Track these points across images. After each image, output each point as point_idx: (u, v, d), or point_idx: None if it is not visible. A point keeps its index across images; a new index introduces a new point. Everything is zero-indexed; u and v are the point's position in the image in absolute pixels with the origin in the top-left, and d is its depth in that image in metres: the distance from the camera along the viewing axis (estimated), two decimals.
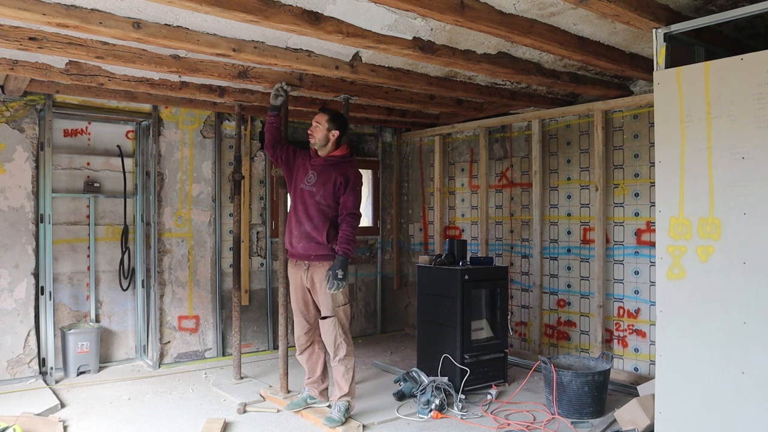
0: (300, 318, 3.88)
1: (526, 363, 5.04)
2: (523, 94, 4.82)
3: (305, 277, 3.78)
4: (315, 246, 3.71)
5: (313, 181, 3.76)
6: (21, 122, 4.57)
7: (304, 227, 3.72)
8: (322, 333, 3.79)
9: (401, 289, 6.71)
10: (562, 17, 3.07)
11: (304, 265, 3.77)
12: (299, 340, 3.92)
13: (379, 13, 2.92)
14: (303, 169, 3.84)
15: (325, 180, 3.73)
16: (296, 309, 3.89)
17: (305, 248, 3.74)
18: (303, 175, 3.82)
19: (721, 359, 2.62)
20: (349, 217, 3.71)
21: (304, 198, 3.76)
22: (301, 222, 3.74)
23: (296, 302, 3.88)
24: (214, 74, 3.81)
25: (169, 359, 5.18)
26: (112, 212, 5.12)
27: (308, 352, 3.94)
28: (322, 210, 3.71)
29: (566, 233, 5.07)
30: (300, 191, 3.79)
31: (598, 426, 3.66)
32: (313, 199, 3.73)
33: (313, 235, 3.70)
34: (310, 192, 3.75)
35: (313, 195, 3.73)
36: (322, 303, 3.74)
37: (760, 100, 2.50)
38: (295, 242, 3.77)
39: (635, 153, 4.58)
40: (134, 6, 2.77)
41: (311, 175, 3.78)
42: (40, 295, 4.63)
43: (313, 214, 3.72)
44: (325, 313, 3.74)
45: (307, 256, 3.74)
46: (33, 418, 3.60)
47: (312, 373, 3.98)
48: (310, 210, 3.73)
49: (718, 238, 2.64)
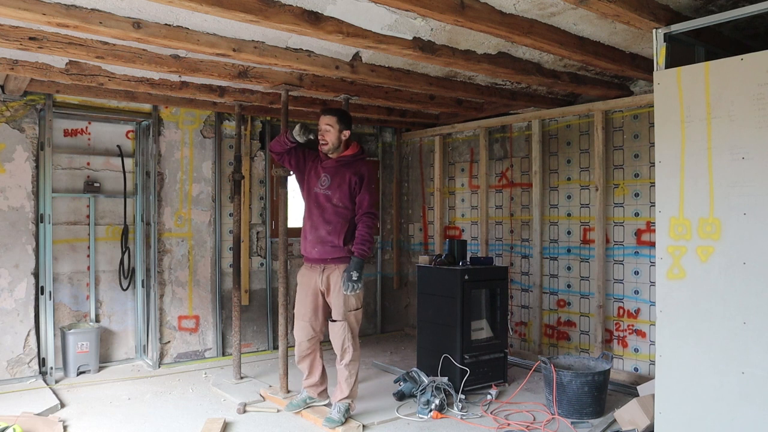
0: (305, 323, 3.75)
1: (526, 363, 5.04)
2: (523, 94, 4.82)
3: (320, 280, 3.68)
4: (331, 249, 3.63)
5: (327, 184, 3.68)
6: (21, 122, 4.57)
7: (320, 232, 3.64)
8: (331, 335, 3.71)
9: (401, 289, 6.71)
10: (562, 17, 3.07)
11: (319, 268, 3.69)
12: (301, 347, 3.78)
13: (379, 13, 2.93)
14: (315, 173, 3.75)
15: (339, 181, 3.66)
16: (302, 313, 3.75)
17: (321, 252, 3.65)
18: (315, 178, 3.73)
19: (721, 359, 2.62)
20: (366, 217, 3.64)
21: (320, 202, 3.68)
22: (316, 227, 3.66)
23: (304, 306, 3.75)
24: (214, 74, 3.81)
25: (169, 359, 5.18)
26: (112, 212, 5.12)
27: (309, 360, 3.84)
28: (340, 213, 3.64)
29: (566, 233, 5.07)
30: (314, 196, 3.71)
31: (598, 426, 3.66)
32: (330, 203, 3.65)
33: (329, 239, 3.62)
34: (326, 196, 3.67)
35: (329, 198, 3.66)
36: (335, 306, 3.67)
37: (760, 100, 2.50)
38: (309, 247, 3.69)
39: (635, 153, 4.58)
40: (134, 6, 2.77)
41: (324, 178, 3.70)
42: (40, 294, 4.63)
43: (331, 218, 3.64)
44: (336, 317, 3.67)
45: (323, 259, 3.66)
46: (33, 417, 3.60)
47: (311, 375, 3.90)
48: (327, 214, 3.65)
49: (718, 238, 2.64)
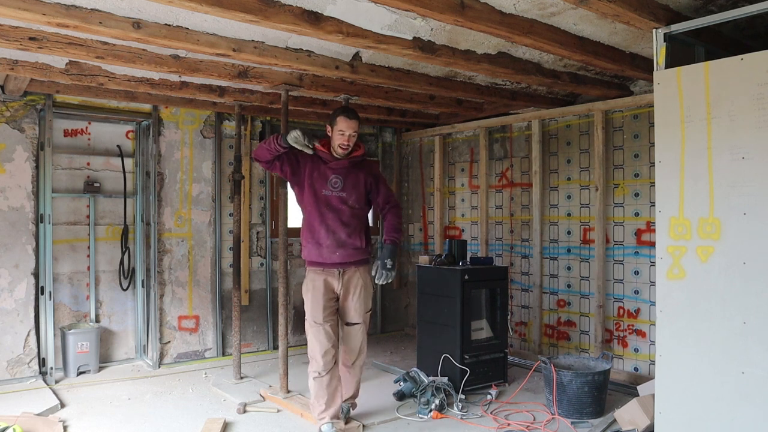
0: (327, 328, 3.52)
1: (526, 363, 5.04)
2: (523, 94, 4.82)
3: (338, 284, 3.56)
4: (353, 252, 3.56)
5: (340, 186, 3.56)
6: (21, 122, 4.57)
7: (339, 235, 3.53)
8: (347, 339, 3.64)
9: (401, 289, 6.71)
10: (562, 17, 3.07)
11: (336, 272, 3.55)
12: (328, 355, 3.49)
13: (379, 13, 2.92)
14: (319, 175, 3.57)
15: (353, 182, 3.59)
16: (323, 318, 3.52)
17: (342, 256, 3.53)
18: (323, 180, 3.56)
19: (720, 359, 2.62)
20: (393, 208, 3.69)
21: (333, 205, 3.55)
22: (334, 231, 3.53)
23: (325, 311, 3.53)
24: (214, 74, 3.81)
25: (169, 359, 5.18)
26: (112, 212, 5.12)
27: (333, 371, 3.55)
28: (356, 214, 3.60)
29: (566, 233, 5.07)
30: (325, 198, 3.55)
31: (598, 426, 3.66)
32: (346, 205, 3.56)
33: (350, 241, 3.54)
34: (340, 198, 3.56)
35: (344, 200, 3.56)
36: (354, 308, 3.60)
37: (760, 100, 2.50)
38: (327, 253, 3.52)
39: (635, 153, 4.58)
40: (134, 6, 2.77)
41: (335, 179, 3.56)
42: (40, 295, 4.63)
43: (349, 220, 3.56)
44: (355, 320, 3.62)
45: (343, 263, 3.55)
46: (33, 418, 3.60)
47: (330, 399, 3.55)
48: (343, 216, 3.55)
49: (718, 238, 2.64)
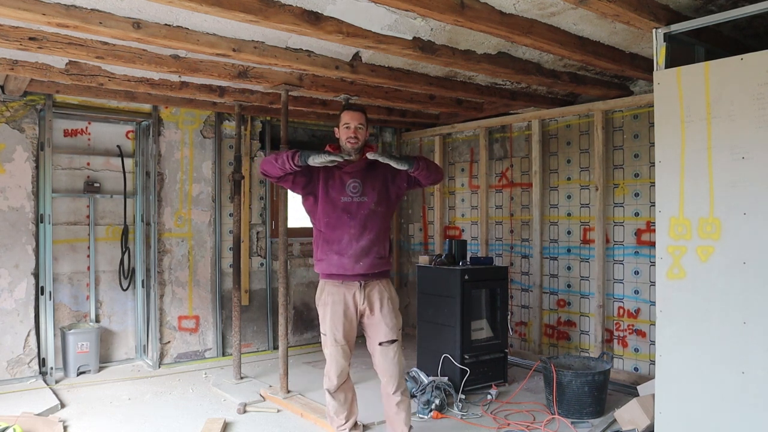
0: (346, 348, 3.27)
1: (526, 363, 5.04)
2: (523, 94, 4.82)
3: (360, 298, 3.24)
4: (378, 262, 3.26)
5: (360, 190, 3.26)
6: (21, 122, 4.57)
7: (363, 243, 3.23)
8: (383, 361, 3.23)
9: (401, 289, 6.70)
10: (562, 17, 3.07)
11: (356, 285, 3.23)
12: (343, 374, 3.28)
13: (379, 13, 2.92)
14: (333, 182, 3.27)
15: (373, 182, 3.29)
16: (340, 335, 3.23)
17: (366, 267, 3.22)
18: (340, 186, 3.26)
19: (721, 359, 2.61)
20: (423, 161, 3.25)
21: (353, 211, 3.24)
22: (356, 238, 3.23)
23: (344, 328, 3.23)
24: (214, 74, 3.81)
25: (169, 359, 5.18)
26: (112, 212, 5.12)
27: (345, 386, 3.35)
28: (379, 215, 3.28)
29: (566, 233, 5.07)
30: (344, 205, 3.25)
31: (598, 426, 3.66)
32: (368, 209, 3.26)
33: (374, 249, 3.24)
34: (361, 203, 3.26)
35: (365, 205, 3.26)
36: (386, 324, 3.25)
37: (760, 100, 2.50)
38: (350, 263, 3.21)
39: (635, 153, 4.58)
40: (134, 6, 2.77)
41: (353, 183, 3.26)
42: (40, 295, 4.63)
43: (372, 226, 3.26)
44: (388, 337, 3.23)
45: (365, 275, 3.24)
46: (33, 418, 3.60)
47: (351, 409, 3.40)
48: (367, 223, 3.25)
49: (718, 238, 2.64)
